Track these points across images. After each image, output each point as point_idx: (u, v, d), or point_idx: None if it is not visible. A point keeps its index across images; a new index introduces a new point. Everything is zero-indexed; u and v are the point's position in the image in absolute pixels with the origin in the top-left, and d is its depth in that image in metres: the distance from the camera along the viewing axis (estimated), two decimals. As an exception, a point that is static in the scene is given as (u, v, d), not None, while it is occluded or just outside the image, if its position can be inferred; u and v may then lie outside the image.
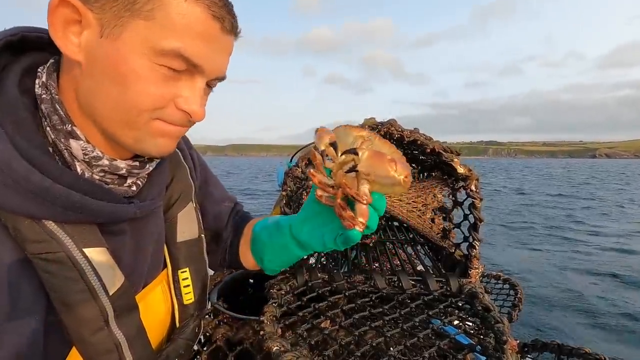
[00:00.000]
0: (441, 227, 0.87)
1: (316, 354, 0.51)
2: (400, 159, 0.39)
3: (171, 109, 0.44)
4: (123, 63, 0.40)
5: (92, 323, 0.44)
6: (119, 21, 0.39)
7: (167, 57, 0.40)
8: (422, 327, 0.57)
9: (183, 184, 0.60)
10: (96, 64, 0.40)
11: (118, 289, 0.46)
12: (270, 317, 0.55)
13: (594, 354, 0.77)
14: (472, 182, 0.71)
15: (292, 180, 0.73)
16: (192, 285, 0.59)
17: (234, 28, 0.45)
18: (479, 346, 0.53)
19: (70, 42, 0.40)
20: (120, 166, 0.46)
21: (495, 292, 1.42)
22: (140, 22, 0.39)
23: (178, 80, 0.43)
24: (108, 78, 0.40)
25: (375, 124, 0.69)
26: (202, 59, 0.42)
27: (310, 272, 0.70)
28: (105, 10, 0.39)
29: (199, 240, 0.61)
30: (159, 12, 0.39)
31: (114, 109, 0.42)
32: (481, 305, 0.61)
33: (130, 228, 0.51)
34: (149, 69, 0.40)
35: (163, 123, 0.45)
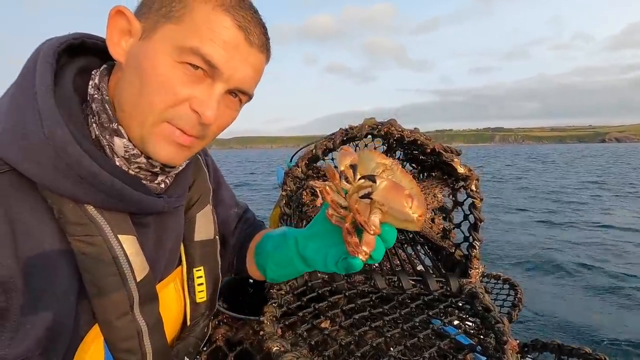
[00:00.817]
0: (441, 227, 0.87)
1: (316, 354, 0.51)
2: (418, 196, 0.38)
3: (183, 108, 0.45)
4: (147, 60, 0.43)
5: (119, 307, 0.46)
6: (155, 25, 0.43)
7: (186, 54, 0.43)
8: (422, 327, 0.57)
9: (203, 186, 0.63)
10: (130, 63, 0.44)
11: (144, 277, 0.49)
12: (270, 317, 0.55)
13: (594, 354, 0.77)
14: (472, 182, 0.71)
15: (292, 180, 0.73)
16: (205, 284, 0.61)
17: (262, 44, 0.48)
18: (479, 346, 0.53)
19: (120, 47, 0.45)
20: (156, 163, 0.49)
21: (495, 292, 1.42)
22: (170, 26, 0.43)
23: (198, 84, 0.45)
24: (136, 74, 0.44)
25: (375, 124, 0.69)
26: (220, 62, 0.44)
27: (310, 272, 0.70)
28: (148, 19, 0.44)
29: (214, 241, 0.64)
30: (188, 16, 0.43)
31: (134, 104, 0.45)
32: (481, 305, 0.61)
33: (154, 222, 0.53)
34: (170, 66, 0.43)
35: (170, 126, 0.46)
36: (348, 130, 0.70)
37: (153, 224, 0.53)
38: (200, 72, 0.44)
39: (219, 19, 0.43)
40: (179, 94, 0.44)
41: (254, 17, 0.46)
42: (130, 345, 0.48)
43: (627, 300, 4.05)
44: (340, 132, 0.71)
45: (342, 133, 0.70)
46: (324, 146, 0.71)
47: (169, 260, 0.57)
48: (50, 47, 0.44)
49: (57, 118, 0.40)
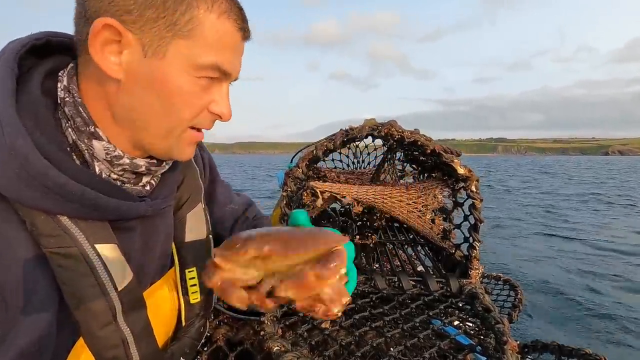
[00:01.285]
0: (441, 228, 0.87)
1: (316, 354, 0.51)
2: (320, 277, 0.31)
3: (205, 114, 0.48)
4: (169, 81, 0.43)
5: (101, 317, 0.45)
6: (162, 41, 0.42)
7: (207, 70, 0.45)
8: (423, 328, 0.57)
9: (193, 185, 0.62)
10: (139, 81, 0.43)
11: (126, 285, 0.47)
12: (270, 317, 0.55)
13: (594, 355, 0.77)
14: (473, 182, 0.71)
15: (293, 181, 0.74)
16: (198, 285, 0.60)
17: (250, 34, 0.50)
18: (480, 347, 0.53)
19: (108, 61, 0.42)
20: (140, 164, 0.49)
21: (495, 293, 1.42)
22: (181, 42, 0.42)
23: (211, 88, 0.47)
24: (152, 94, 0.44)
25: (375, 125, 0.69)
26: (231, 67, 0.47)
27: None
28: (144, 31, 0.41)
29: (207, 241, 0.62)
30: (197, 30, 0.43)
31: (158, 121, 0.46)
32: (481, 305, 0.61)
33: (140, 226, 0.52)
34: (191, 83, 0.44)
35: (194, 131, 0.49)
36: (348, 131, 0.70)
37: (139, 227, 0.52)
38: (213, 78, 0.46)
39: (225, 28, 0.44)
40: (202, 105, 0.47)
41: (242, 11, 0.47)
42: (116, 354, 0.47)
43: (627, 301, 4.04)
44: (341, 132, 0.71)
45: (342, 134, 0.71)
46: (324, 147, 0.71)
47: (160, 263, 0.56)
48: (11, 51, 0.43)
49: (18, 126, 0.38)
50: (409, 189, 0.84)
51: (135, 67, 0.43)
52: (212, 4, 0.43)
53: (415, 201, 0.83)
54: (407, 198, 0.83)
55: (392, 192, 0.83)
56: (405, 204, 0.83)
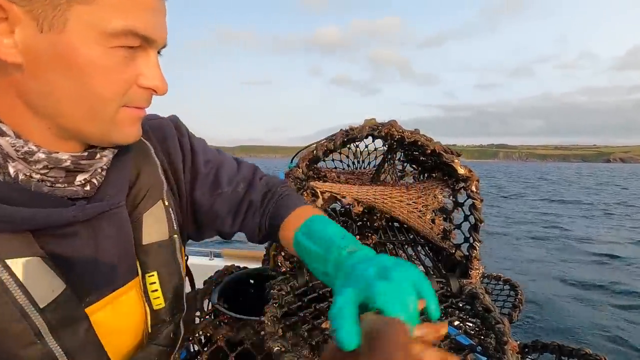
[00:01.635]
0: (441, 228, 0.87)
1: (317, 354, 0.51)
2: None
3: (135, 89, 0.42)
4: (77, 56, 0.37)
5: (21, 338, 0.40)
6: (57, 11, 0.35)
7: (120, 37, 0.38)
8: (423, 328, 0.57)
9: (151, 181, 0.55)
10: (42, 62, 0.37)
11: (53, 300, 0.42)
12: (271, 317, 0.55)
13: (594, 355, 0.77)
14: (473, 183, 0.71)
15: (293, 181, 0.74)
16: (160, 290, 0.55)
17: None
18: (480, 347, 0.53)
19: (1, 44, 0.36)
20: (63, 158, 0.42)
21: (495, 293, 1.42)
22: (81, 8, 0.36)
23: (135, 59, 0.41)
24: (61, 74, 0.38)
25: (375, 125, 0.69)
26: (154, 31, 0.41)
27: (310, 273, 0.70)
28: (33, 1, 0.34)
29: (171, 242, 0.56)
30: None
31: (76, 104, 0.40)
32: (482, 306, 0.61)
33: (85, 230, 0.46)
34: (105, 55, 0.38)
35: (130, 109, 0.43)
36: (348, 131, 0.70)
37: (84, 232, 0.46)
38: (135, 47, 0.40)
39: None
40: (127, 79, 0.41)
41: None
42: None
43: (627, 301, 4.04)
44: (341, 132, 0.71)
45: (342, 134, 0.71)
46: (324, 147, 0.71)
47: (122, 268, 0.51)
48: None
49: None
50: (409, 189, 0.85)
51: (33, 46, 0.36)
52: None
53: (416, 201, 0.83)
54: (407, 198, 0.83)
55: (392, 192, 0.83)
56: (405, 204, 0.83)
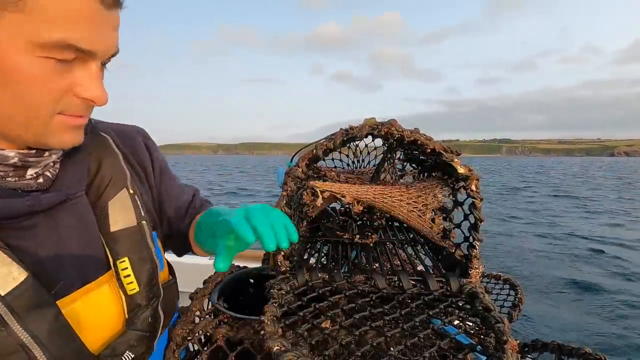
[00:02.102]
0: (441, 227, 0.87)
1: (317, 353, 0.51)
2: None
3: (70, 98, 0.43)
4: (7, 64, 0.37)
5: None
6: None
7: (53, 49, 0.38)
8: (423, 327, 0.57)
9: (113, 170, 0.57)
10: None
11: (15, 287, 0.42)
12: (270, 317, 0.55)
13: (594, 354, 0.77)
14: (473, 182, 0.71)
15: (293, 180, 0.74)
16: (133, 275, 0.56)
17: (116, 1, 0.42)
18: (480, 346, 0.53)
19: None
20: (10, 155, 0.44)
21: (495, 292, 1.42)
22: (12, 16, 0.35)
23: (71, 69, 0.41)
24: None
25: (375, 124, 0.69)
26: (91, 44, 0.40)
27: (310, 272, 0.70)
28: None
29: (139, 227, 0.58)
30: (32, 1, 0.35)
31: (9, 111, 0.40)
32: (481, 305, 0.61)
33: (45, 222, 0.48)
34: (35, 64, 0.38)
35: (65, 117, 0.44)
36: (348, 131, 0.70)
37: (43, 223, 0.47)
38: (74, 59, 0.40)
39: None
40: (60, 89, 0.41)
41: None
42: (16, 359, 0.42)
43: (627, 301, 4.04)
44: (341, 132, 0.71)
45: (342, 133, 0.70)
46: (324, 146, 0.71)
47: (90, 259, 0.52)
48: None
49: None
50: (408, 188, 0.84)
51: None
52: None
53: (415, 200, 0.83)
54: (407, 197, 0.83)
55: (392, 191, 0.83)
56: (405, 203, 0.83)
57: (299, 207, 0.82)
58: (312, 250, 0.93)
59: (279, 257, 0.73)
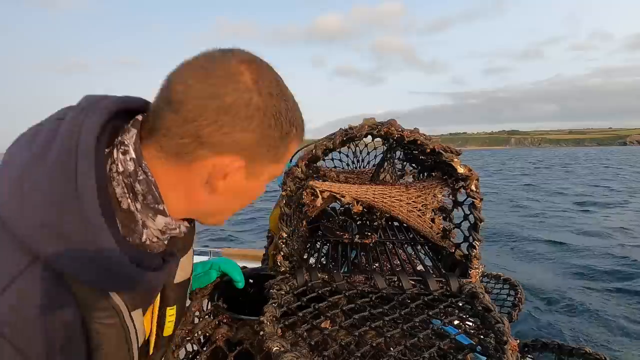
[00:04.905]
0: (441, 227, 0.87)
1: (316, 354, 0.51)
2: None
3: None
4: (255, 191, 0.53)
5: None
6: (264, 168, 0.50)
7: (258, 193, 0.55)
8: (422, 327, 0.57)
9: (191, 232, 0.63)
10: (232, 193, 0.51)
11: (143, 340, 0.53)
12: (270, 317, 0.55)
13: (594, 354, 0.77)
14: (472, 182, 0.71)
15: (292, 181, 0.73)
16: (174, 321, 0.63)
17: None
18: (479, 346, 0.53)
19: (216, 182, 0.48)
20: (183, 230, 0.54)
21: (495, 292, 1.42)
22: (274, 165, 0.51)
23: None
24: (239, 200, 0.54)
25: (374, 124, 0.69)
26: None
27: (310, 273, 0.70)
28: (254, 161, 0.49)
29: (188, 281, 0.66)
30: (285, 156, 0.52)
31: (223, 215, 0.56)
32: (481, 305, 0.61)
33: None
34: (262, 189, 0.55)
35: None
36: (348, 131, 0.70)
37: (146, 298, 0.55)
38: None
39: (295, 149, 0.54)
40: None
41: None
42: None
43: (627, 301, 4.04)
44: (340, 132, 0.71)
45: (342, 133, 0.70)
46: (323, 146, 0.71)
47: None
48: (90, 133, 0.42)
49: (101, 224, 0.41)
50: (408, 188, 0.84)
51: (235, 185, 0.49)
52: (297, 132, 0.51)
53: (415, 200, 0.83)
54: (406, 197, 0.83)
55: (391, 191, 0.83)
56: (405, 203, 0.83)
57: (298, 207, 0.82)
58: (312, 250, 0.93)
59: (278, 258, 0.73)
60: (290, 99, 0.49)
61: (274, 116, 0.46)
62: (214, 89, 0.43)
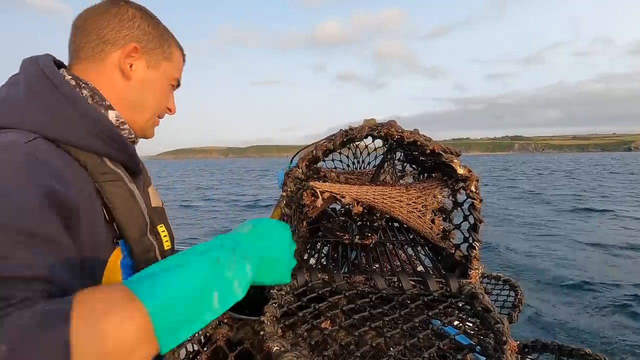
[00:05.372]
0: (441, 228, 0.87)
1: (316, 354, 0.51)
2: None
3: (163, 108, 0.78)
4: (159, 84, 0.73)
5: (142, 229, 0.66)
6: (157, 61, 0.72)
7: (173, 81, 0.76)
8: (422, 328, 0.57)
9: (145, 169, 0.81)
10: (141, 82, 0.70)
11: (147, 211, 0.69)
12: (270, 317, 0.55)
13: (594, 355, 0.77)
14: (472, 183, 0.71)
15: (292, 181, 0.74)
16: (168, 237, 0.78)
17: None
18: (479, 346, 0.53)
19: (127, 67, 0.67)
20: (133, 131, 0.72)
21: (495, 293, 1.42)
22: (166, 63, 0.73)
23: (170, 92, 0.78)
24: (149, 92, 0.72)
25: (375, 125, 0.69)
26: (180, 80, 0.80)
27: (310, 273, 0.70)
28: (149, 53, 0.71)
29: (164, 209, 0.83)
30: (173, 57, 0.75)
31: (148, 109, 0.73)
32: (481, 305, 0.61)
33: (136, 182, 0.70)
34: (167, 88, 0.76)
35: (156, 118, 0.77)
36: (348, 132, 0.70)
37: (136, 183, 0.70)
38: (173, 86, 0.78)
39: (181, 58, 0.78)
40: (166, 101, 0.77)
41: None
42: (149, 257, 0.67)
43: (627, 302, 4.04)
44: (341, 133, 0.71)
45: (342, 134, 0.71)
46: (324, 147, 0.71)
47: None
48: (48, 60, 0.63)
49: (80, 97, 0.60)
50: (408, 189, 0.84)
51: (141, 73, 0.70)
52: (176, 43, 0.76)
53: (415, 201, 0.83)
54: (406, 198, 0.83)
55: (391, 192, 0.83)
56: (405, 204, 0.83)
57: (299, 208, 0.82)
58: (312, 251, 0.93)
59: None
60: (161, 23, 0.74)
61: (150, 21, 0.70)
62: (104, 9, 0.66)
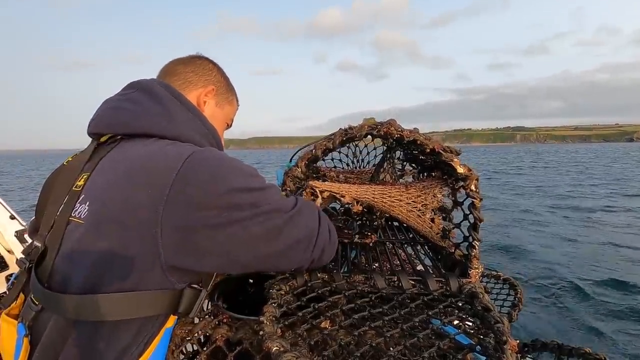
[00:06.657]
0: (441, 227, 0.87)
1: (316, 354, 0.51)
2: None
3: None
4: (221, 121, 0.88)
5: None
6: (223, 103, 0.88)
7: (230, 121, 0.93)
8: (422, 327, 0.57)
9: None
10: (212, 112, 0.85)
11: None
12: (270, 317, 0.55)
13: (593, 354, 0.77)
14: (472, 181, 0.71)
15: (292, 180, 0.73)
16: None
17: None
18: (479, 346, 0.53)
19: (203, 100, 0.84)
20: None
21: (495, 292, 1.42)
22: (227, 107, 0.89)
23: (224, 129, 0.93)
24: (216, 121, 0.85)
25: (374, 124, 0.69)
26: (231, 124, 0.95)
27: (310, 272, 0.70)
28: (220, 97, 0.87)
29: None
30: (232, 104, 0.91)
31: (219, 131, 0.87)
32: (481, 305, 0.61)
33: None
34: (224, 125, 0.91)
35: None
36: (347, 131, 0.70)
37: None
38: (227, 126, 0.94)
39: (236, 105, 0.94)
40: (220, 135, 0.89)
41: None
42: None
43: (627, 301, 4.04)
44: (340, 132, 0.71)
45: (341, 133, 0.70)
46: (323, 146, 0.71)
47: None
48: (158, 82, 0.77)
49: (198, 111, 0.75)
50: (408, 188, 0.84)
51: (211, 109, 0.85)
52: (236, 94, 0.93)
53: (415, 200, 0.83)
54: (406, 197, 0.83)
55: (391, 191, 0.83)
56: (404, 203, 0.83)
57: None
58: (312, 250, 0.93)
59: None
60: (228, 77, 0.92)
61: (223, 73, 0.89)
62: (189, 59, 0.85)
